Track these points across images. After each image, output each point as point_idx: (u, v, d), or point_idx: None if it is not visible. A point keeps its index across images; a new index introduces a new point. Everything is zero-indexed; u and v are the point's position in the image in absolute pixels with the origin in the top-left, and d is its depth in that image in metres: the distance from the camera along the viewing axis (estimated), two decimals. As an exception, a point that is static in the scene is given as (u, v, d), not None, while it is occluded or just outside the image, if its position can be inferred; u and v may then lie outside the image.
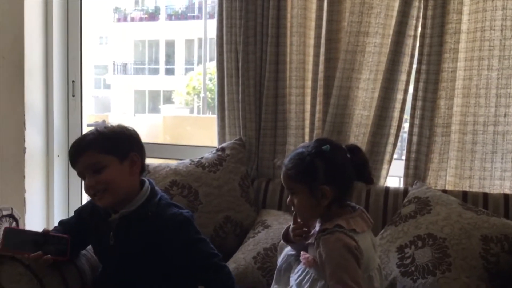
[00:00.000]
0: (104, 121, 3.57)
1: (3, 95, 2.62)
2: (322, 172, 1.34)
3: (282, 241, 1.52)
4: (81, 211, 1.56)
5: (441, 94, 1.90)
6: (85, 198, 2.82)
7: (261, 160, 2.15)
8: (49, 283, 1.46)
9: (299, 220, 1.44)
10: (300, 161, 1.36)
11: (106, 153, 1.40)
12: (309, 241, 1.39)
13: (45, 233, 1.45)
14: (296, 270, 1.43)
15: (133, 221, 1.43)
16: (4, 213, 2.00)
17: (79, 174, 1.45)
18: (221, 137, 2.25)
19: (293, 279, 1.42)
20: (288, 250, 1.52)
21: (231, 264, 1.72)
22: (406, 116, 2.06)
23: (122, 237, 1.44)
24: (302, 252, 1.40)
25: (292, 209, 1.41)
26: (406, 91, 1.98)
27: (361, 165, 1.40)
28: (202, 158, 2.06)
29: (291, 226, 1.46)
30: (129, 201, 1.44)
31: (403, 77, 1.96)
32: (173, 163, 2.07)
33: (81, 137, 1.47)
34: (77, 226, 1.54)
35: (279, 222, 1.83)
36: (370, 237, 1.39)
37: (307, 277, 1.38)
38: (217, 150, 2.10)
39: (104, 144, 1.41)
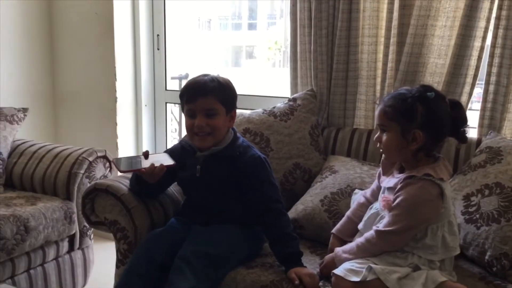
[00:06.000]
0: (187, 73, 3.76)
1: (97, 48, 2.87)
2: (420, 117, 1.37)
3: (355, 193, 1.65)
4: (172, 151, 1.72)
5: (522, 40, 1.81)
6: (170, 143, 3.05)
7: (332, 109, 2.20)
8: (136, 213, 1.66)
9: (382, 156, 1.49)
10: (401, 101, 1.39)
11: (222, 103, 1.59)
12: (390, 186, 1.45)
13: (146, 153, 1.63)
14: (374, 208, 1.50)
15: (219, 158, 1.61)
16: (99, 154, 2.24)
17: (189, 111, 1.60)
18: (293, 87, 2.31)
19: (367, 215, 1.51)
20: (359, 198, 1.61)
21: (299, 206, 1.82)
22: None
23: (207, 171, 1.61)
24: (384, 195, 1.46)
25: (378, 145, 1.47)
26: (484, 38, 1.90)
27: (459, 122, 1.42)
28: (274, 107, 2.15)
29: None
30: (218, 143, 1.62)
31: (482, 23, 1.89)
32: (247, 111, 2.18)
33: (201, 81, 1.59)
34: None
35: (346, 168, 1.89)
36: (450, 185, 1.42)
37: (378, 217, 1.45)
38: (289, 100, 2.17)
39: (223, 94, 1.59)
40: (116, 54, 2.84)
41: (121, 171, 1.59)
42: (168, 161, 1.61)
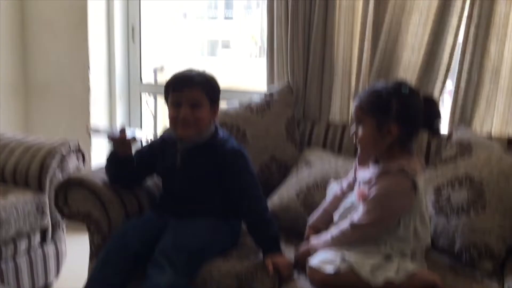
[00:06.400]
0: (162, 66, 3.73)
1: (70, 39, 2.82)
2: (395, 111, 1.41)
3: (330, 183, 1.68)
4: (153, 143, 1.78)
5: (492, 39, 1.86)
6: (144, 136, 3.01)
7: (308, 103, 2.22)
8: (111, 206, 1.65)
9: (358, 150, 1.53)
10: (377, 96, 1.43)
11: (207, 96, 1.62)
12: (365, 179, 1.47)
13: (122, 128, 1.66)
14: (349, 200, 1.53)
15: (201, 149, 1.64)
16: (72, 146, 2.20)
17: (175, 101, 1.62)
18: (270, 80, 2.32)
19: (342, 206, 1.53)
20: (335, 191, 1.63)
21: (275, 198, 1.84)
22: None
23: (188, 161, 1.64)
24: (359, 188, 1.49)
25: (354, 141, 1.50)
26: (456, 35, 1.95)
27: (433, 117, 1.46)
28: (250, 101, 2.15)
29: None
30: (200, 135, 1.64)
31: (454, 21, 1.93)
32: (223, 106, 2.17)
33: (188, 73, 1.65)
34: (148, 153, 1.75)
35: (321, 161, 1.91)
36: (423, 178, 1.46)
37: (353, 210, 1.48)
38: (265, 94, 2.18)
39: (209, 88, 1.64)
40: (89, 45, 2.79)
41: (91, 131, 1.64)
42: (141, 134, 1.65)
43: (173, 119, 1.62)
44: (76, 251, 2.46)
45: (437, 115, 1.47)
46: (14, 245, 2.01)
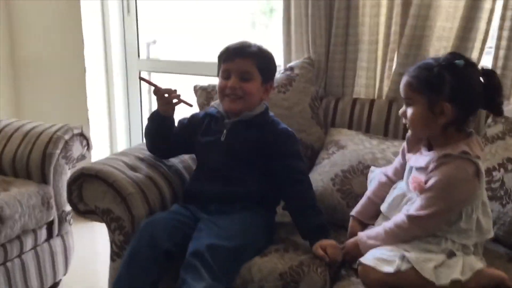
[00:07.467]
0: (155, 40, 3.48)
1: (61, 15, 2.58)
2: (448, 88, 1.25)
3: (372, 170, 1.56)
4: (194, 114, 1.70)
5: (537, 2, 1.71)
6: (145, 115, 2.82)
7: (330, 78, 2.05)
8: (132, 201, 1.48)
9: (409, 131, 1.38)
10: (427, 70, 1.28)
11: (259, 69, 1.54)
12: (421, 165, 1.32)
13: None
14: (398, 187, 1.40)
15: (249, 124, 1.55)
16: (75, 132, 2.02)
17: (225, 71, 1.55)
18: (287, 54, 2.14)
19: (391, 195, 1.40)
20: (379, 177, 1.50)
21: (307, 185, 1.69)
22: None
23: (234, 135, 1.55)
24: (413, 176, 1.34)
25: (404, 121, 1.36)
26: (495, -1, 1.79)
27: (493, 93, 1.29)
28: (269, 76, 1.98)
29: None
30: (249, 110, 1.56)
31: (493, -17, 1.77)
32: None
33: (243, 44, 1.56)
34: (187, 124, 1.68)
35: (354, 143, 1.76)
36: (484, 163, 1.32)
37: (404, 199, 1.34)
38: (286, 69, 2.01)
39: (262, 61, 1.55)
40: (83, 19, 2.56)
41: (141, 78, 1.72)
42: (188, 100, 1.60)
43: (221, 90, 1.55)
44: (83, 245, 2.31)
45: (498, 90, 1.31)
46: (20, 243, 1.84)
